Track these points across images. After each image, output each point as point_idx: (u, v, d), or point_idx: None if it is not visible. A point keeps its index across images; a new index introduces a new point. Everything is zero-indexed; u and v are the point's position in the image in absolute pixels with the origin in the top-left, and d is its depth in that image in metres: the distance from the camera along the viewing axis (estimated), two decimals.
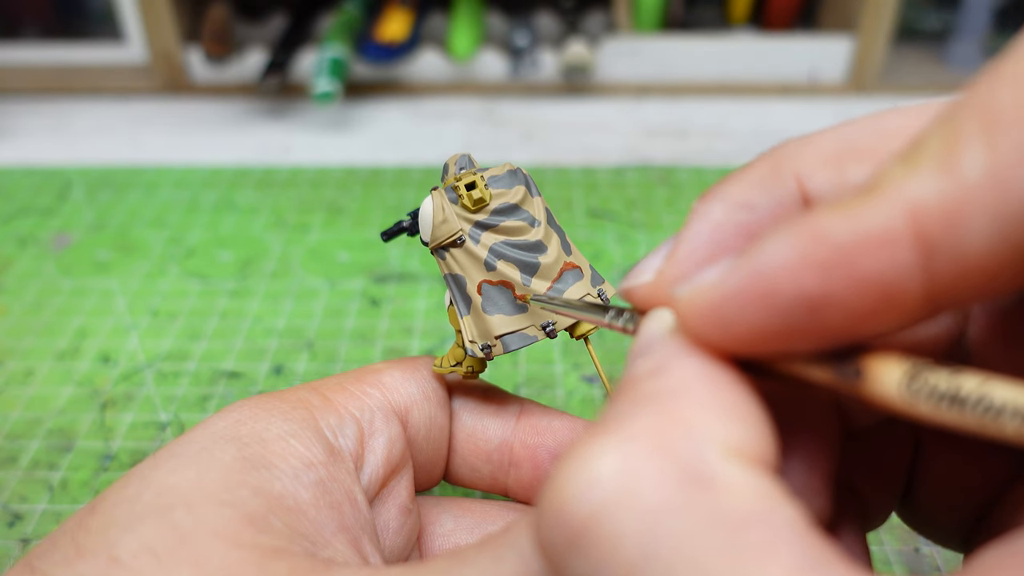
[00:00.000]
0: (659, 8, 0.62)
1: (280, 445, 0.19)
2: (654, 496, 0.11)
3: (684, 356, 0.13)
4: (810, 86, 0.62)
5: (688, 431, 0.12)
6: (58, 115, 0.61)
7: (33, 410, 0.34)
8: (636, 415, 0.13)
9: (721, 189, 0.15)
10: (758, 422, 0.13)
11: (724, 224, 0.15)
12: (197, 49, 0.61)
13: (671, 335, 0.14)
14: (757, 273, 0.12)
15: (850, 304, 0.12)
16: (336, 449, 0.20)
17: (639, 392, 0.13)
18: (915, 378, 0.11)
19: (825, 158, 0.14)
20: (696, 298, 0.13)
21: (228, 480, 0.17)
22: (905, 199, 0.11)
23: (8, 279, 0.43)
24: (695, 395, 0.13)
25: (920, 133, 0.12)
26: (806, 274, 0.12)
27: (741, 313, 0.13)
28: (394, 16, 0.62)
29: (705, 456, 0.12)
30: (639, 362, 0.14)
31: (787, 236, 0.12)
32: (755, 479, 0.12)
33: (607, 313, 0.18)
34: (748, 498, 0.11)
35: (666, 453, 0.12)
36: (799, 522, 0.11)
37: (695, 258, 0.15)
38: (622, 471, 0.12)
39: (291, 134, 0.58)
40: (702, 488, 0.11)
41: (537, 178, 0.51)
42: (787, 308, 0.12)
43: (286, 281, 0.42)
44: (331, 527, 0.18)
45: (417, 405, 0.23)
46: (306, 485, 0.18)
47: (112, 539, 0.15)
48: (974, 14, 0.62)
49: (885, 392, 0.12)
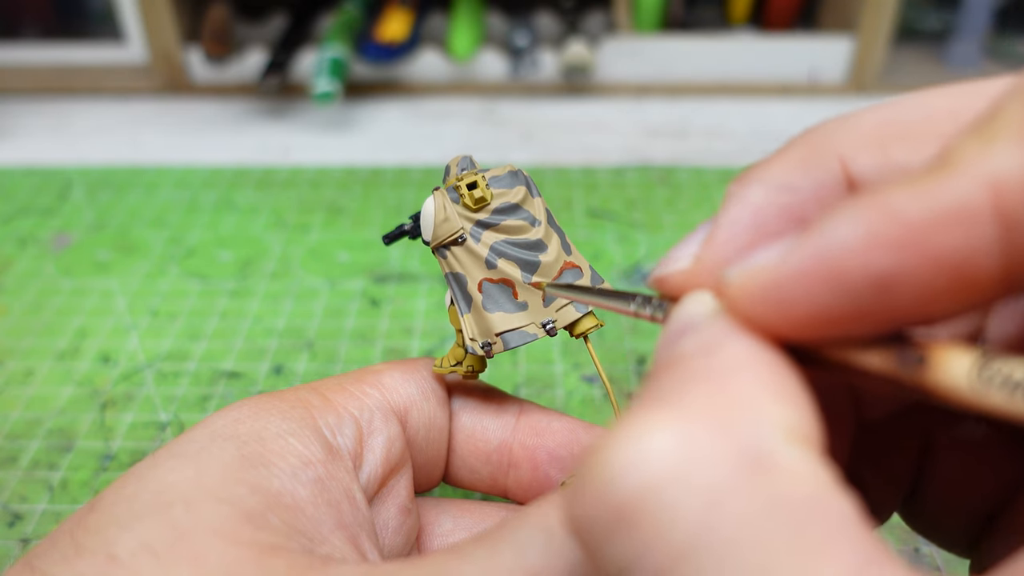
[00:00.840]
0: (659, 8, 0.62)
1: (278, 443, 0.19)
2: (714, 475, 0.11)
3: (735, 335, 0.13)
4: (810, 86, 0.62)
5: (749, 411, 0.12)
6: (58, 115, 0.61)
7: (33, 410, 0.34)
8: (690, 392, 0.12)
9: (760, 171, 0.15)
10: (809, 404, 0.12)
11: (765, 207, 0.14)
12: (197, 49, 0.61)
13: (718, 315, 0.13)
14: (822, 252, 0.12)
15: (924, 283, 0.11)
16: (334, 448, 0.20)
17: (690, 369, 0.13)
18: (986, 366, 0.11)
19: (868, 139, 0.14)
20: (751, 280, 0.13)
21: (226, 478, 0.17)
22: (985, 173, 0.11)
23: (8, 279, 0.43)
24: (752, 375, 0.12)
25: (993, 106, 0.12)
26: (878, 253, 0.11)
27: (803, 295, 0.12)
28: (394, 16, 0.62)
29: (767, 438, 0.11)
30: (683, 341, 0.13)
31: (855, 214, 0.12)
32: (815, 465, 0.11)
33: (633, 301, 0.17)
34: (810, 485, 0.11)
35: (726, 432, 0.11)
36: (855, 515, 0.11)
37: (736, 243, 0.14)
38: (679, 447, 0.11)
39: (291, 134, 0.58)
40: (764, 470, 0.11)
41: (537, 178, 0.51)
42: (855, 289, 0.12)
43: (286, 281, 0.42)
44: (329, 524, 0.18)
45: (416, 405, 0.23)
46: (304, 483, 0.18)
47: (111, 537, 0.15)
48: (974, 14, 0.62)
49: (953, 381, 0.11)
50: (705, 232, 0.15)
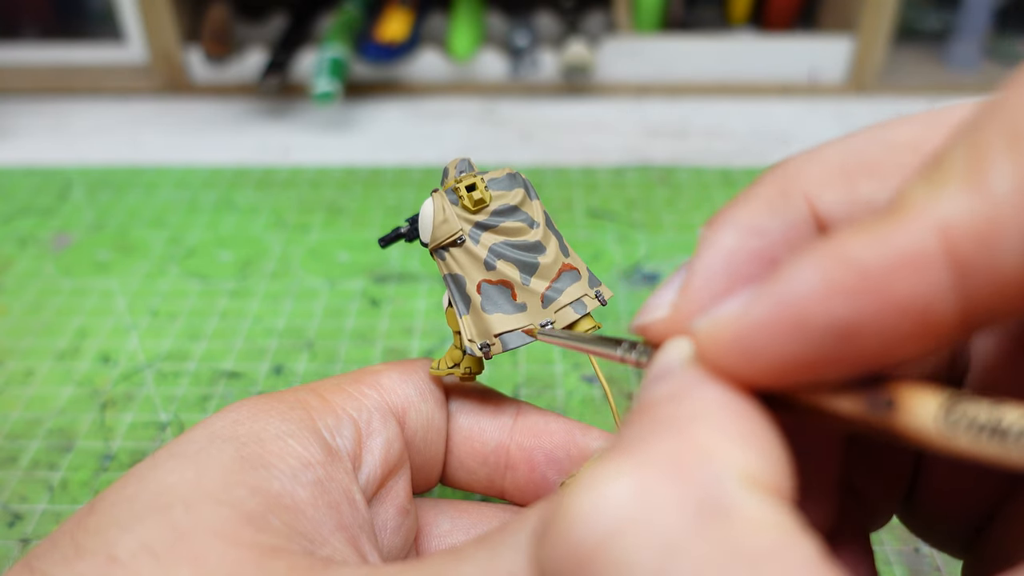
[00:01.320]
0: (659, 8, 0.62)
1: (278, 445, 0.19)
2: (670, 523, 0.11)
3: (703, 383, 0.13)
4: (810, 86, 0.62)
5: (706, 458, 0.12)
6: (58, 115, 0.61)
7: (33, 410, 0.34)
8: (652, 439, 0.12)
9: (730, 214, 0.15)
10: (776, 451, 0.12)
11: (737, 252, 0.14)
12: (197, 49, 0.61)
13: (690, 363, 0.14)
14: (783, 302, 0.12)
15: (884, 329, 0.11)
16: (334, 449, 0.20)
17: (655, 416, 0.13)
18: (952, 409, 0.11)
19: (833, 175, 0.14)
20: (717, 330, 0.13)
21: (226, 480, 0.17)
22: (935, 219, 0.11)
23: (8, 279, 0.43)
24: (714, 422, 0.12)
25: (941, 149, 0.12)
26: (836, 301, 0.11)
27: (767, 344, 0.12)
28: (394, 16, 0.62)
29: (723, 485, 0.11)
30: (656, 387, 0.14)
31: (812, 262, 0.12)
32: (773, 511, 0.11)
33: (619, 346, 0.17)
34: (765, 531, 0.11)
35: (683, 479, 0.11)
36: (815, 557, 0.11)
37: (710, 289, 0.14)
38: (637, 495, 0.11)
39: (291, 134, 0.58)
40: (719, 518, 0.11)
41: (537, 178, 0.51)
42: (817, 337, 0.12)
43: (286, 281, 0.42)
44: (329, 526, 0.18)
45: (414, 406, 0.23)
46: (304, 484, 0.18)
47: (111, 539, 0.15)
48: (974, 14, 0.62)
49: (921, 424, 0.11)
50: (682, 278, 0.15)
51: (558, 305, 0.22)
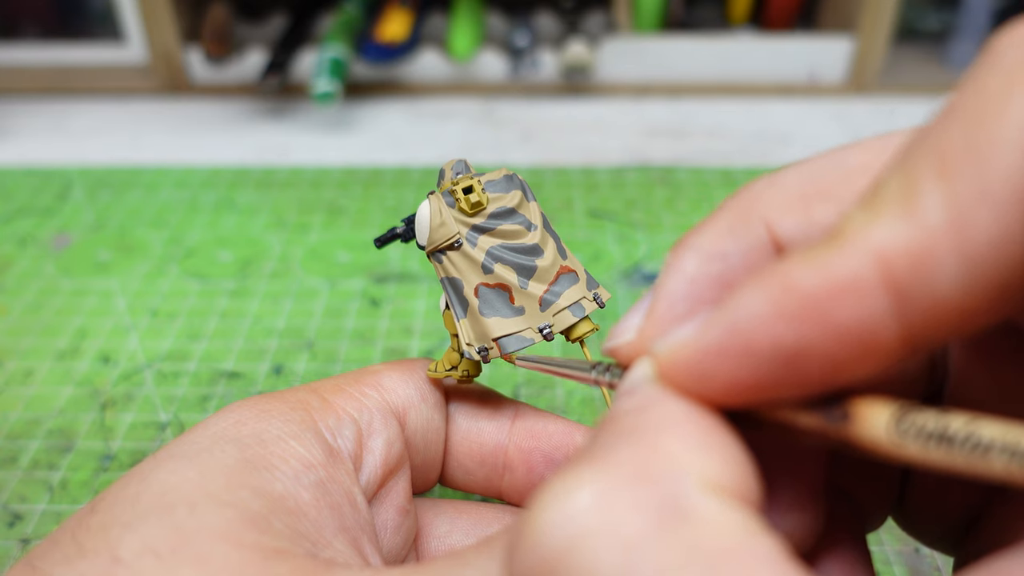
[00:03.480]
0: (659, 8, 0.62)
1: (280, 446, 0.19)
2: (631, 528, 0.11)
3: (666, 397, 0.14)
4: (810, 86, 0.62)
5: (666, 463, 0.12)
6: (58, 115, 0.61)
7: (33, 410, 0.34)
8: (614, 447, 0.13)
9: (692, 240, 0.15)
10: (737, 458, 0.13)
11: (698, 277, 0.15)
12: (197, 49, 0.61)
13: (654, 379, 0.14)
14: (732, 327, 0.12)
15: (827, 353, 0.12)
16: (335, 450, 0.20)
17: (619, 427, 0.13)
18: (902, 419, 0.11)
19: (791, 200, 0.15)
20: (673, 354, 0.13)
21: (229, 481, 0.17)
22: (870, 246, 0.11)
23: (8, 279, 0.43)
24: (675, 430, 0.13)
25: (877, 177, 0.12)
26: (780, 326, 0.12)
27: (718, 367, 0.13)
28: (394, 16, 0.62)
29: (683, 489, 0.12)
30: (622, 400, 0.14)
31: (759, 288, 0.12)
32: (733, 513, 0.12)
33: (593, 369, 0.18)
34: (725, 532, 0.11)
35: (643, 485, 0.12)
36: (777, 555, 0.11)
37: (673, 313, 0.15)
38: (599, 502, 0.12)
39: (291, 134, 0.58)
40: (679, 521, 0.11)
41: (537, 178, 0.51)
42: (764, 361, 0.12)
43: (286, 281, 0.42)
44: (331, 528, 0.18)
45: (415, 406, 0.23)
46: (306, 486, 0.18)
47: (114, 539, 0.15)
48: (974, 14, 0.62)
49: (873, 434, 0.12)
50: (648, 303, 0.16)
51: (556, 308, 0.22)
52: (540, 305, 0.22)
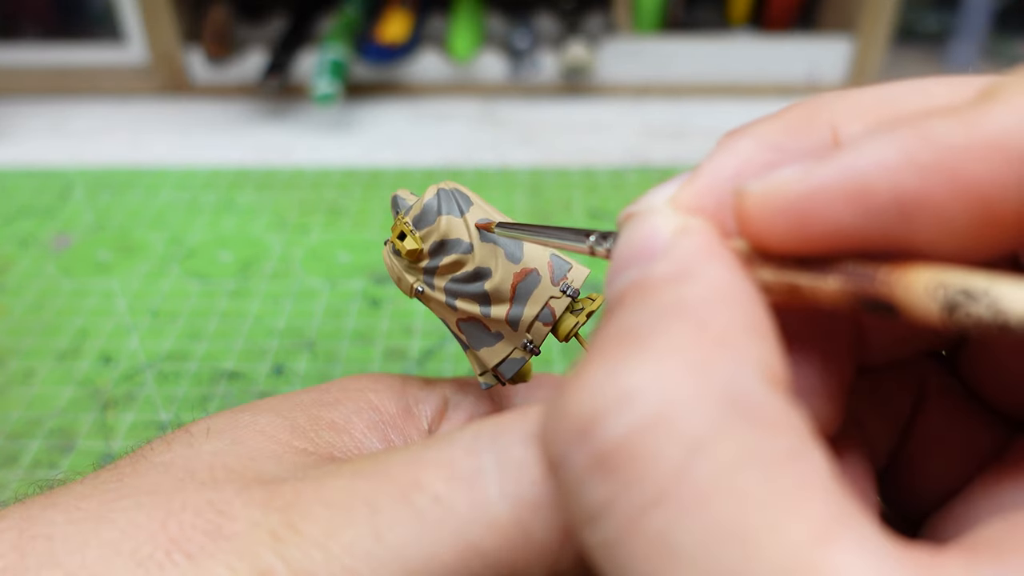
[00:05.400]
0: (659, 8, 0.62)
1: (355, 395, 0.21)
2: (694, 423, 0.11)
3: (710, 260, 0.13)
4: (809, 87, 0.62)
5: (727, 352, 0.11)
6: (58, 116, 0.61)
7: (34, 410, 0.34)
8: (666, 328, 0.12)
9: (751, 128, 0.15)
10: (777, 341, 0.12)
11: (751, 161, 0.14)
12: (197, 50, 0.61)
13: (687, 234, 0.13)
14: (851, 169, 0.12)
15: (946, 212, 0.11)
16: (413, 414, 0.21)
17: (662, 301, 0.12)
18: (943, 284, 0.11)
19: (864, 113, 0.14)
20: (774, 192, 0.12)
21: (293, 407, 0.20)
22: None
23: (9, 279, 0.43)
24: (730, 309, 0.12)
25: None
26: (907, 175, 0.11)
27: (823, 210, 0.12)
28: (394, 17, 0.63)
29: (746, 381, 0.11)
30: (655, 264, 0.13)
31: (888, 136, 0.12)
32: (793, 413, 0.11)
33: (588, 238, 0.16)
34: (788, 436, 0.11)
35: (706, 375, 0.11)
36: (828, 469, 0.11)
37: (715, 190, 0.14)
38: (660, 391, 0.11)
39: (291, 135, 0.58)
40: (746, 419, 0.11)
41: (537, 179, 0.51)
42: (877, 209, 0.12)
43: (286, 281, 0.42)
44: (375, 446, 0.20)
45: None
46: (363, 420, 0.20)
47: (191, 425, 0.20)
48: (973, 16, 0.62)
49: (920, 297, 0.11)
50: (683, 178, 0.15)
51: (526, 324, 0.21)
52: (510, 326, 0.21)
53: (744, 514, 0.10)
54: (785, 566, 0.10)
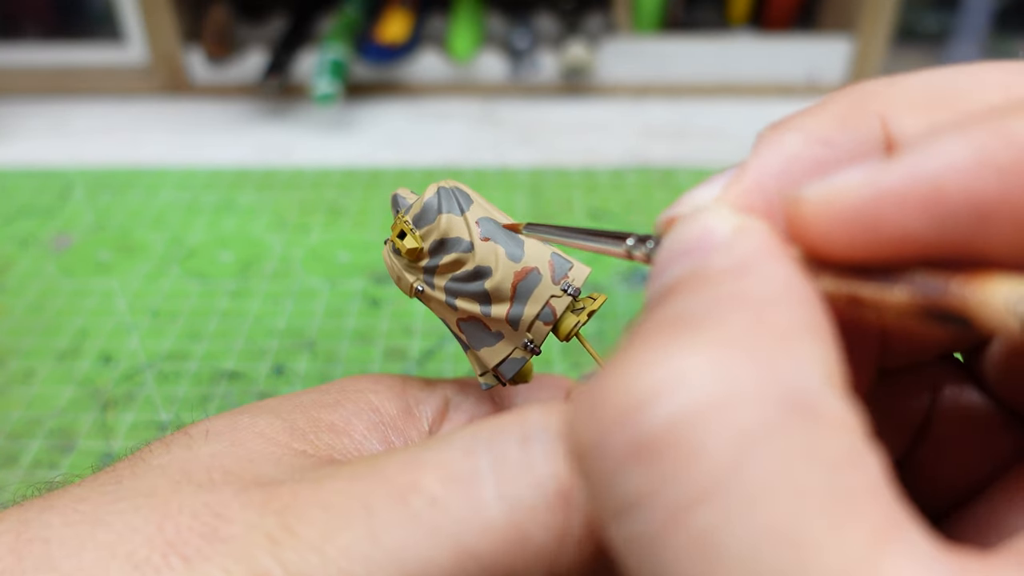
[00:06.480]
0: (659, 8, 0.62)
1: (355, 396, 0.21)
2: (753, 414, 0.10)
3: (772, 259, 0.12)
4: (809, 87, 0.62)
5: (791, 347, 0.11)
6: (58, 116, 0.61)
7: (34, 410, 0.34)
8: (725, 318, 0.11)
9: (796, 121, 0.14)
10: (836, 343, 0.11)
11: (799, 157, 0.13)
12: (198, 50, 0.61)
13: (747, 233, 0.12)
14: (922, 172, 0.11)
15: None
16: (414, 415, 0.21)
17: (720, 292, 0.11)
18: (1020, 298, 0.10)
19: (915, 101, 0.13)
20: (836, 197, 0.12)
21: (293, 408, 0.20)
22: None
23: (9, 279, 0.43)
24: (793, 307, 0.11)
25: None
26: (984, 178, 0.10)
27: (891, 216, 0.11)
28: (394, 17, 0.63)
29: (810, 380, 0.10)
30: (713, 257, 0.12)
31: (962, 136, 0.11)
32: (852, 415, 0.11)
33: (625, 241, 0.15)
34: (847, 437, 0.10)
35: (767, 368, 0.10)
36: (882, 473, 0.10)
37: (763, 189, 0.13)
38: (718, 378, 0.10)
39: (292, 135, 0.58)
40: (806, 416, 0.10)
41: (537, 179, 0.51)
42: (950, 214, 0.11)
43: (287, 281, 0.42)
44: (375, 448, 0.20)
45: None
46: (363, 421, 0.20)
47: (189, 427, 0.20)
48: (974, 16, 0.62)
49: (991, 299, 0.10)
50: (728, 178, 0.14)
51: (527, 323, 0.21)
52: (511, 325, 0.21)
53: (799, 516, 0.10)
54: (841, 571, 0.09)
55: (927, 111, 0.13)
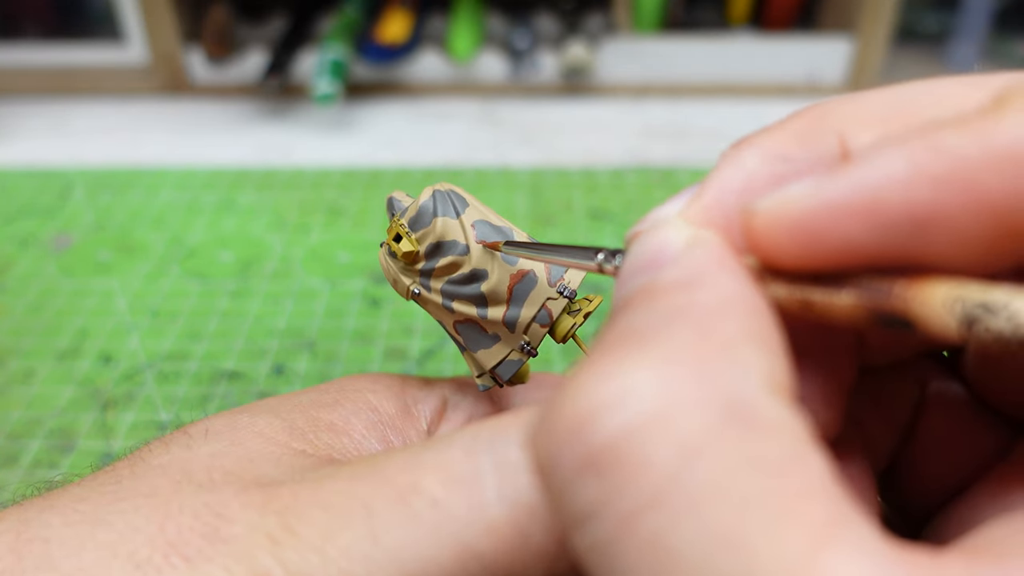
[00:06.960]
0: (659, 8, 0.62)
1: (354, 395, 0.21)
2: (692, 427, 0.11)
3: (720, 270, 0.12)
4: (809, 87, 0.63)
5: (732, 359, 0.11)
6: (59, 116, 0.61)
7: (34, 410, 0.34)
8: (672, 331, 0.11)
9: (756, 138, 0.14)
10: (784, 348, 0.12)
11: (758, 173, 0.14)
12: (198, 50, 0.62)
13: (698, 244, 0.13)
14: (862, 184, 0.11)
15: (961, 226, 0.11)
16: (412, 414, 0.21)
17: (670, 305, 0.12)
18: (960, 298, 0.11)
19: (872, 118, 0.13)
20: (783, 209, 0.12)
21: (292, 408, 0.20)
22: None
23: (9, 279, 0.43)
24: (738, 318, 0.12)
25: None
26: (920, 189, 0.11)
27: (834, 227, 0.12)
28: (394, 17, 0.63)
29: (751, 388, 0.11)
30: (664, 271, 0.13)
31: (899, 149, 0.11)
32: (793, 420, 0.11)
33: (596, 255, 0.16)
34: (787, 441, 0.11)
35: (709, 380, 0.11)
36: (827, 473, 0.11)
37: (723, 205, 0.14)
38: (662, 391, 0.11)
39: (292, 135, 0.58)
40: (744, 424, 0.11)
41: (537, 179, 0.51)
42: (889, 224, 0.11)
43: (287, 281, 0.42)
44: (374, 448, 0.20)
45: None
46: (362, 420, 0.20)
47: (189, 427, 0.20)
48: (974, 16, 0.62)
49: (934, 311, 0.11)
50: (691, 194, 0.14)
51: (523, 325, 0.21)
52: (507, 328, 0.21)
53: (739, 519, 0.10)
54: (782, 571, 0.10)
55: (884, 127, 0.13)
